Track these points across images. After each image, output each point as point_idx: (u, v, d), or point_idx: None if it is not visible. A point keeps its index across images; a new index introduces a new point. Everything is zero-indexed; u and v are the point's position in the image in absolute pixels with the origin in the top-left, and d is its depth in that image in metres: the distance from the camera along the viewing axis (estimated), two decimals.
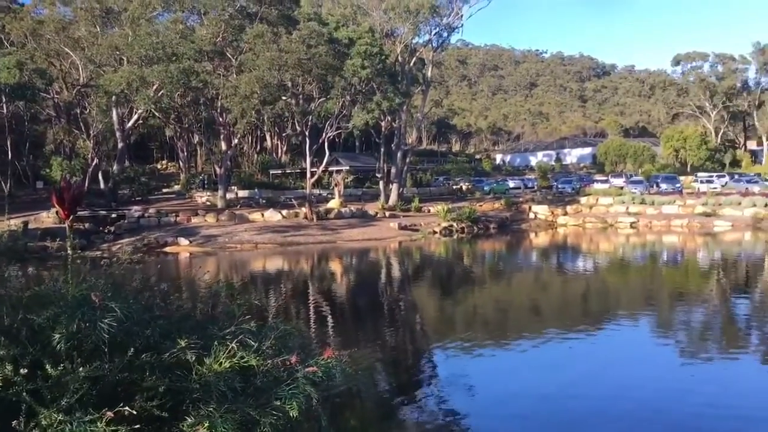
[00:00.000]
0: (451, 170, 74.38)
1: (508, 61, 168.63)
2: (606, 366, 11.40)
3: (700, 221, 42.64)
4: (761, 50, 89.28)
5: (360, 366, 11.43)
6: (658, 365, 11.39)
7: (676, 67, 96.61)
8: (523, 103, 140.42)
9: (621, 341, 13.36)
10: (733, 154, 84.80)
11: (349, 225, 38.93)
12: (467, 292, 21.41)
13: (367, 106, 42.50)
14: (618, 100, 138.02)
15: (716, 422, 8.53)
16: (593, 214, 46.46)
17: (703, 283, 22.12)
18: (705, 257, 29.80)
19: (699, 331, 14.36)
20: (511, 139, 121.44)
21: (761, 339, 13.68)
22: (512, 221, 45.04)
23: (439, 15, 45.63)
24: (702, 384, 10.23)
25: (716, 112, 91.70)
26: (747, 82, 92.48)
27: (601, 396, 9.72)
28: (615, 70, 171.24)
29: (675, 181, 58.01)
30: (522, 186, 61.00)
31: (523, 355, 12.00)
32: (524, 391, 9.88)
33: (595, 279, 23.62)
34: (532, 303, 18.85)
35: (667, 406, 9.15)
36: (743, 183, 55.67)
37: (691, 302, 17.97)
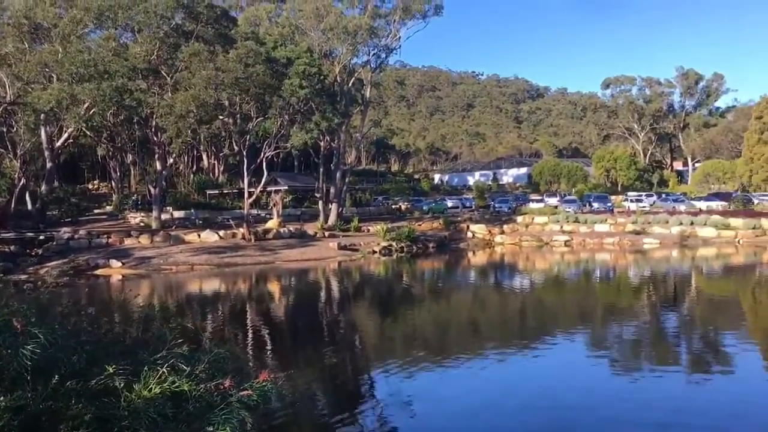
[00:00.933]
0: (391, 190, 74.77)
1: (445, 83, 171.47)
2: (542, 381, 11.57)
3: (630, 239, 44.05)
4: (684, 75, 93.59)
5: (299, 387, 11.30)
6: (591, 378, 11.64)
7: (606, 90, 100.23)
8: (460, 123, 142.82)
9: (557, 357, 13.60)
10: (660, 174, 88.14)
11: (287, 245, 38.59)
12: (407, 311, 21.46)
13: (306, 126, 42.40)
14: (552, 122, 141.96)
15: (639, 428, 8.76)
16: (529, 233, 47.40)
17: (635, 299, 22.79)
18: (636, 274, 30.75)
19: (630, 346, 14.76)
20: (449, 159, 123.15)
21: (688, 351, 14.18)
22: (451, 240, 45.52)
23: (378, 36, 46.07)
24: (631, 394, 10.50)
25: (644, 133, 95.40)
26: (672, 105, 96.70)
27: (537, 410, 9.85)
28: (549, 92, 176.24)
29: (606, 200, 59.86)
30: (460, 205, 61.79)
31: (462, 373, 12.07)
32: (463, 410, 9.92)
33: (531, 296, 24.04)
34: (471, 321, 19.02)
35: (597, 415, 9.34)
36: (670, 202, 57.87)
37: (623, 318, 18.48)
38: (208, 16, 38.51)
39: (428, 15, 46.20)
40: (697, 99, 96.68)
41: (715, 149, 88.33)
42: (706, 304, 21.95)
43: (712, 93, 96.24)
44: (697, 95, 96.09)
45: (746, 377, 11.72)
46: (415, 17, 46.25)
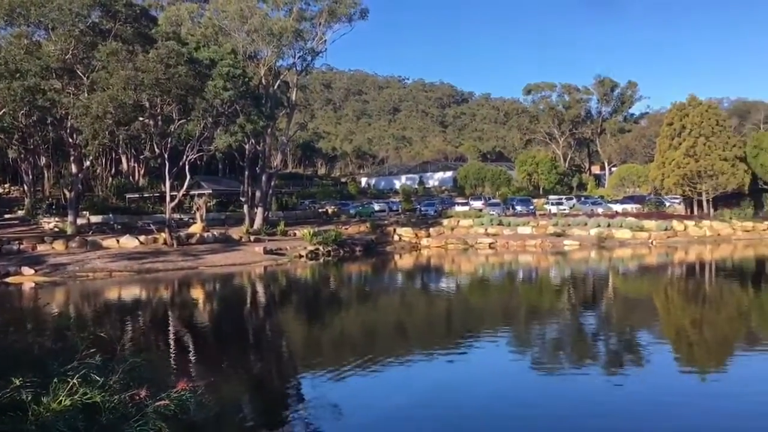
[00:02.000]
0: (317, 193, 74.48)
1: (371, 86, 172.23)
2: (468, 383, 11.70)
3: (551, 241, 45.35)
4: (601, 82, 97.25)
5: (224, 395, 11.03)
6: (515, 377, 11.87)
7: (528, 96, 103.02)
8: (386, 127, 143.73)
9: (482, 358, 13.80)
10: (579, 177, 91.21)
11: (211, 250, 37.77)
12: (334, 315, 21.36)
13: (231, 129, 41.63)
14: (476, 126, 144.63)
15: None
16: (455, 236, 48.10)
17: (557, 299, 23.43)
18: (557, 275, 31.64)
19: (552, 345, 15.15)
20: (375, 162, 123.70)
21: (606, 350, 14.67)
22: (378, 244, 45.67)
23: (303, 39, 45.75)
24: (555, 391, 10.77)
25: (564, 138, 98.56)
26: (590, 111, 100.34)
27: (464, 412, 9.95)
28: (473, 97, 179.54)
29: (529, 203, 61.50)
30: (387, 209, 62.14)
31: (390, 376, 12.08)
32: (390, 414, 9.92)
33: (457, 298, 24.36)
34: (398, 324, 19.09)
35: (520, 413, 9.53)
36: (589, 205, 60.00)
37: (546, 318, 18.96)
38: (127, 14, 37.28)
39: (354, 19, 46.24)
40: (612, 105, 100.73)
41: (630, 154, 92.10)
42: (623, 304, 22.80)
43: (626, 100, 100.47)
44: (613, 102, 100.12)
45: (660, 372, 12.19)
46: (340, 21, 46.17)
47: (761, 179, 56.75)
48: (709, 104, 56.40)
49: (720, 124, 54.10)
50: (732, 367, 12.69)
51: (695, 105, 54.72)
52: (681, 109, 55.35)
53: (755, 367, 12.38)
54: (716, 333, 16.46)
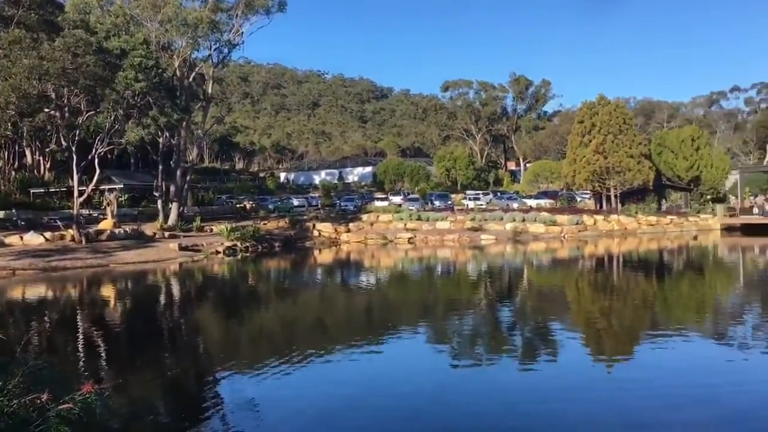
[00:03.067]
0: (235, 188, 73.17)
1: (290, 80, 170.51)
2: (387, 376, 11.74)
3: (469, 235, 46.23)
4: (516, 80, 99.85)
5: (136, 397, 10.63)
6: (434, 370, 11.99)
7: (446, 93, 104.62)
8: (306, 122, 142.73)
9: (402, 351, 13.88)
10: (496, 173, 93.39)
11: (123, 247, 36.46)
12: (252, 311, 21.01)
13: (143, 121, 40.27)
14: (396, 122, 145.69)
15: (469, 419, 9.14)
16: (374, 231, 48.30)
17: (473, 292, 23.86)
18: (474, 269, 32.25)
19: (470, 337, 15.41)
20: (295, 157, 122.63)
21: (522, 341, 15.06)
22: (297, 239, 45.31)
23: (219, 31, 44.72)
24: (470, 385, 10.96)
25: (481, 135, 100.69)
26: (506, 108, 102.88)
27: (384, 406, 9.96)
28: (392, 93, 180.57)
29: (447, 198, 62.50)
30: (306, 204, 61.76)
31: (309, 372, 11.96)
32: (310, 411, 9.82)
33: (377, 293, 24.44)
34: (318, 320, 18.96)
35: (438, 409, 9.63)
36: (504, 200, 61.54)
37: (463, 311, 19.27)
38: (31, 0, 35.39)
39: (272, 11, 45.61)
40: (527, 103, 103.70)
41: (544, 151, 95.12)
42: (537, 296, 23.47)
43: (540, 98, 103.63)
44: (527, 100, 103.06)
45: (571, 360, 12.61)
46: (258, 13, 45.44)
47: (664, 176, 59.76)
48: (616, 103, 58.85)
49: (627, 123, 56.52)
50: (639, 353, 13.25)
51: (604, 104, 56.94)
52: (591, 107, 57.48)
53: (660, 353, 12.97)
54: (624, 322, 17.18)
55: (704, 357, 12.67)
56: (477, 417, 9.29)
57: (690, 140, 59.78)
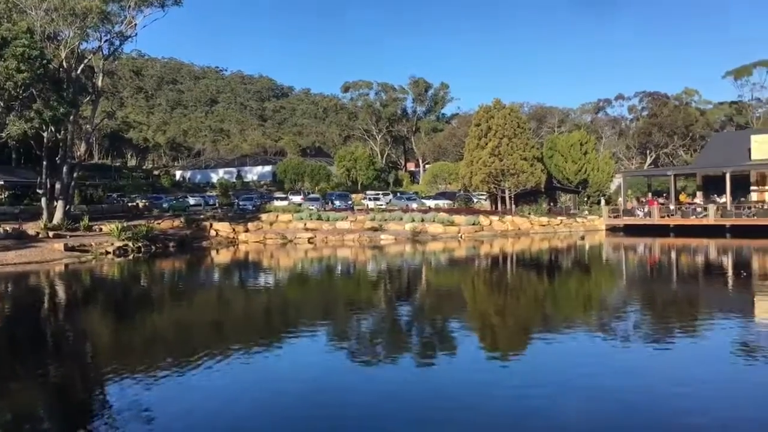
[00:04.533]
0: (127, 186, 70.40)
1: (187, 76, 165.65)
2: (286, 379, 11.58)
3: (369, 235, 46.49)
4: (415, 82, 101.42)
5: (18, 406, 9.96)
6: (331, 370, 11.95)
7: (347, 94, 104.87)
8: (203, 119, 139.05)
9: (300, 352, 13.74)
10: (395, 174, 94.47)
11: (3, 247, 34.21)
12: (145, 314, 20.19)
13: (26, 115, 37.92)
14: (296, 121, 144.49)
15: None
16: (274, 231, 47.69)
17: (373, 292, 24.00)
18: (374, 269, 32.45)
19: (370, 337, 15.47)
20: (191, 155, 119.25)
21: (420, 340, 15.27)
22: (193, 239, 44.05)
23: (111, 22, 42.77)
24: (367, 383, 10.99)
25: (381, 135, 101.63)
26: (406, 110, 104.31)
27: (279, 405, 9.82)
28: (293, 92, 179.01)
29: (347, 198, 62.69)
30: (203, 203, 60.29)
31: (206, 377, 11.60)
32: (205, 413, 9.53)
33: (276, 294, 24.11)
34: (214, 322, 18.46)
35: (336, 412, 9.60)
36: (404, 201, 62.40)
37: (362, 310, 19.34)
38: None
39: (167, 4, 44.11)
40: (426, 105, 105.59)
41: (442, 152, 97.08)
42: (435, 294, 23.89)
43: (439, 101, 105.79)
44: (426, 102, 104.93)
45: (467, 357, 12.90)
46: (152, 5, 43.82)
47: (555, 178, 62.42)
48: (511, 108, 60.87)
49: (521, 127, 58.60)
50: (532, 348, 13.72)
51: (500, 108, 58.77)
52: (487, 111, 59.17)
53: (551, 348, 13.49)
54: (517, 319, 17.77)
55: (589, 350, 13.27)
56: (374, 417, 9.32)
57: (578, 145, 62.69)
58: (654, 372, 11.44)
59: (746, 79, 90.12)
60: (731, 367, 11.75)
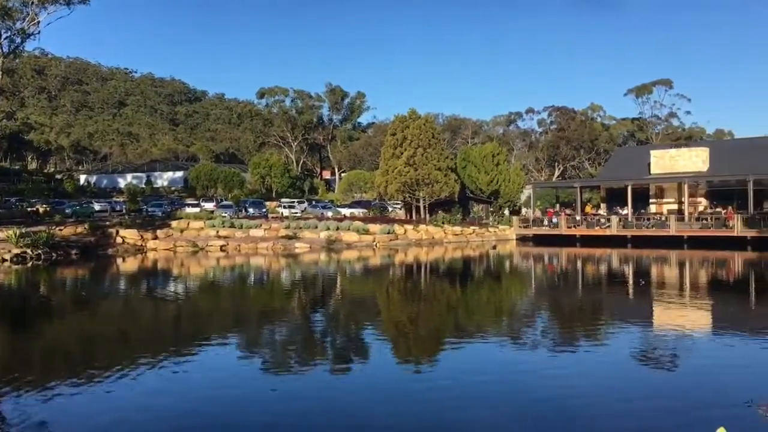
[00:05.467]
0: (27, 191, 66.93)
1: (94, 77, 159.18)
2: (194, 389, 11.21)
3: (283, 244, 45.96)
4: (332, 91, 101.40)
5: None
6: (242, 379, 11.66)
7: (262, 100, 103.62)
8: (111, 122, 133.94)
9: (211, 362, 13.36)
10: (311, 182, 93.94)
11: None
12: (44, 325, 19.14)
13: None
14: (209, 126, 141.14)
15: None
16: (184, 238, 46.40)
17: (287, 301, 23.69)
18: (288, 277, 32.07)
19: (282, 346, 15.23)
20: (97, 159, 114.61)
21: (333, 347, 15.16)
22: (98, 246, 42.29)
23: (12, 18, 40.69)
24: (280, 392, 10.79)
25: (297, 143, 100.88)
26: (322, 118, 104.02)
27: (183, 414, 9.49)
28: (206, 96, 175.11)
29: (261, 206, 61.80)
30: (109, 209, 57.98)
31: (108, 388, 11.07)
32: (108, 428, 9.08)
33: (186, 303, 23.40)
34: (120, 332, 17.71)
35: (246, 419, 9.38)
36: (319, 209, 62.12)
37: (276, 319, 19.04)
38: None
39: (73, 2, 42.35)
40: (343, 114, 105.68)
41: (358, 161, 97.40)
42: (349, 303, 23.83)
43: (355, 109, 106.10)
44: (343, 110, 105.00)
45: (381, 364, 12.89)
46: (57, 2, 41.98)
47: (468, 188, 63.74)
48: (426, 118, 61.75)
49: (435, 137, 59.54)
50: (445, 355, 13.86)
51: (415, 118, 59.51)
52: (403, 121, 59.79)
53: (463, 355, 13.67)
54: (430, 326, 17.95)
55: (500, 355, 13.54)
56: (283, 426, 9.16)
57: (491, 156, 64.28)
58: (562, 375, 11.78)
59: (647, 96, 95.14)
60: (630, 371, 12.27)
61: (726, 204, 49.03)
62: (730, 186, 49.39)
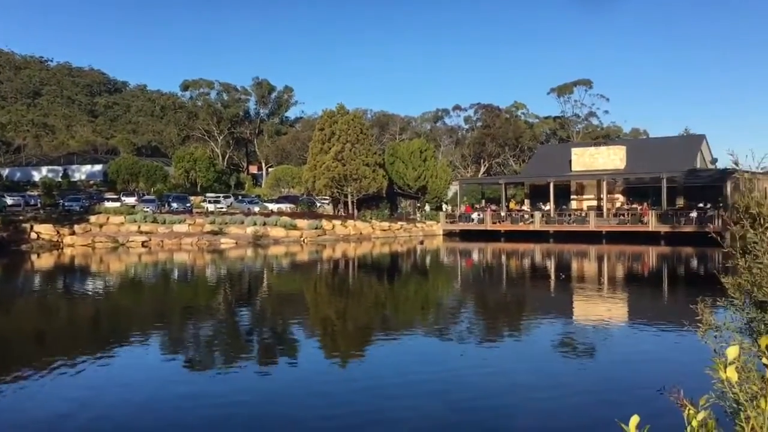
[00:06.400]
0: None
1: (7, 65, 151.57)
2: (113, 388, 10.81)
3: (208, 239, 45.03)
4: (259, 84, 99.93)
5: None
6: (166, 379, 11.33)
7: (186, 92, 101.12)
8: (25, 112, 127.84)
9: (130, 361, 12.91)
10: (237, 176, 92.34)
11: None
12: None
13: None
14: (131, 118, 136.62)
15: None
16: (104, 234, 44.86)
17: (212, 297, 23.19)
18: (213, 273, 31.43)
19: (206, 343, 14.89)
20: (10, 151, 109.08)
21: (260, 344, 14.93)
22: (11, 242, 40.37)
23: None
24: (203, 391, 10.53)
25: (223, 137, 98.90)
26: (249, 111, 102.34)
27: (102, 417, 9.14)
28: (127, 87, 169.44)
29: (186, 200, 60.35)
30: (23, 203, 55.38)
31: (20, 391, 10.54)
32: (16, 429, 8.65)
33: (104, 300, 22.56)
34: (34, 332, 16.91)
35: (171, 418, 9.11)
36: (246, 204, 61.16)
37: (201, 317, 18.60)
38: None
39: None
40: (270, 108, 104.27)
41: (286, 156, 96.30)
42: (277, 299, 23.54)
43: (283, 103, 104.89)
44: (270, 104, 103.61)
45: (309, 360, 12.78)
46: None
47: (396, 184, 64.07)
48: (354, 114, 61.68)
49: (364, 133, 59.56)
50: (370, 351, 13.86)
51: (343, 114, 59.36)
52: (331, 116, 59.55)
53: (387, 351, 13.71)
54: (357, 323, 17.93)
55: (426, 350, 13.65)
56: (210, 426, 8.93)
57: (418, 152, 64.82)
58: (484, 370, 11.97)
59: (568, 96, 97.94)
60: (549, 363, 12.60)
61: (641, 201, 51.11)
62: (645, 183, 51.47)
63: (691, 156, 55.91)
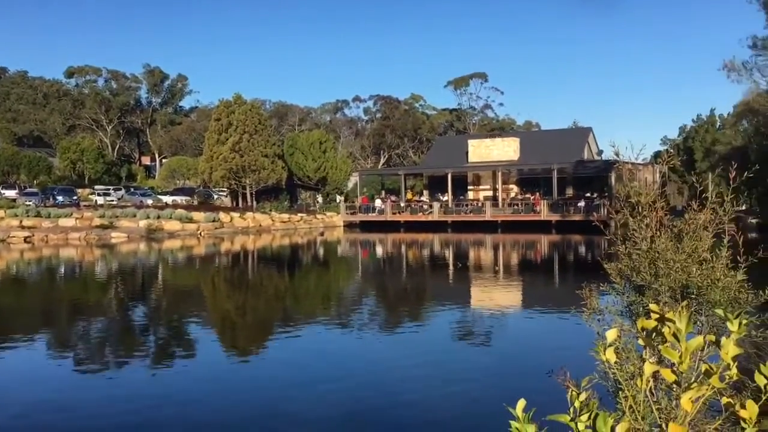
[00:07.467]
0: None
1: None
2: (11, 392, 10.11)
3: (97, 233, 43.02)
4: (150, 72, 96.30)
5: None
6: (55, 381, 10.71)
7: (71, 79, 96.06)
8: None
9: (15, 363, 12.12)
10: (129, 168, 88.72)
11: None
12: None
13: None
14: (10, 106, 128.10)
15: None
16: None
17: (102, 295, 22.15)
18: (103, 269, 30.05)
19: (97, 343, 14.20)
20: None
21: (155, 342, 14.41)
22: None
23: None
24: (97, 390, 10.04)
25: (112, 126, 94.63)
26: (140, 100, 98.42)
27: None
28: (6, 73, 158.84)
29: (72, 193, 57.54)
30: None
31: None
32: None
33: None
34: None
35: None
36: (138, 196, 58.98)
37: (89, 315, 17.72)
38: None
39: None
40: (163, 97, 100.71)
41: (181, 146, 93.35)
42: (172, 295, 22.78)
43: (177, 92, 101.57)
44: (163, 93, 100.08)
45: (206, 358, 12.44)
46: None
47: (296, 176, 63.56)
48: (252, 104, 60.64)
49: (262, 123, 58.69)
50: (270, 345, 13.68)
51: (240, 104, 58.23)
52: (228, 106, 58.28)
53: (287, 345, 13.56)
54: (258, 316, 17.65)
55: (324, 347, 13.61)
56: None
57: (318, 143, 64.56)
58: (383, 361, 12.08)
59: (464, 89, 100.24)
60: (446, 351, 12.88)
61: (534, 191, 53.15)
62: (537, 174, 53.57)
63: (579, 148, 58.63)
